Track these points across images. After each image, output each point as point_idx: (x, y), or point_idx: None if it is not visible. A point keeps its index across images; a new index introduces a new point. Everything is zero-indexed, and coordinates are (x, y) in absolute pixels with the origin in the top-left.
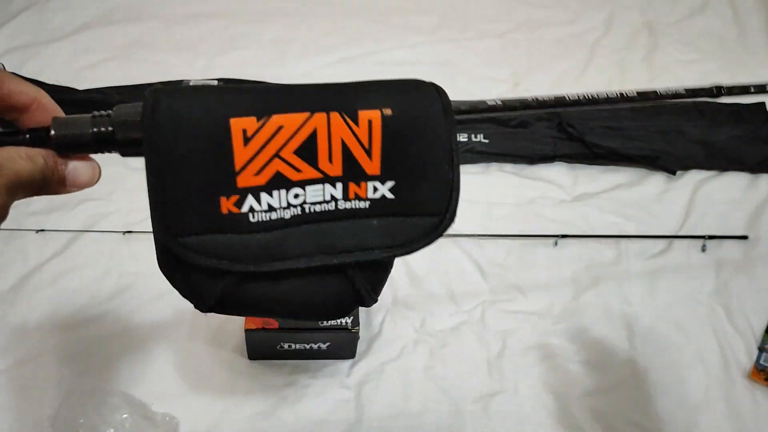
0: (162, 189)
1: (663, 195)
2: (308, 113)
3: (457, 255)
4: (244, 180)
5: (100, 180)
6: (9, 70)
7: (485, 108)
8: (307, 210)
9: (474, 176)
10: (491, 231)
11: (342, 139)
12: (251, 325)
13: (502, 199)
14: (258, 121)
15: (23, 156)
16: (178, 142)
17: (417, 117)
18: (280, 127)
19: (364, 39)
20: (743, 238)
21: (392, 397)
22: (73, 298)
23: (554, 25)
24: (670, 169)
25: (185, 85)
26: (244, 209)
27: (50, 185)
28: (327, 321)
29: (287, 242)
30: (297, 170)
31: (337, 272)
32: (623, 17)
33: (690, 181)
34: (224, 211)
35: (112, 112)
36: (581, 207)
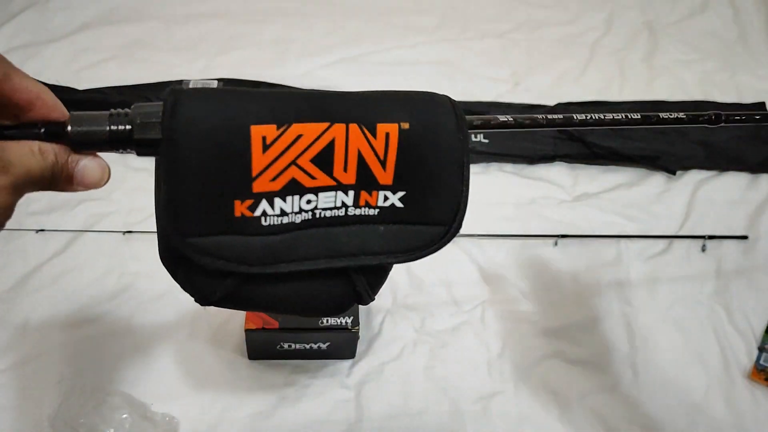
0: (176, 190)
1: (663, 195)
2: (328, 123)
3: (457, 255)
4: (260, 185)
5: None
6: None
7: (497, 124)
8: (318, 215)
9: (474, 176)
10: (491, 231)
11: (359, 150)
12: (251, 325)
13: (503, 199)
14: (278, 129)
15: (36, 151)
16: (198, 147)
17: (432, 131)
18: (300, 136)
19: (364, 39)
20: (743, 238)
21: (392, 397)
22: (74, 298)
23: (554, 25)
24: (670, 169)
25: (205, 87)
26: (257, 213)
27: (58, 182)
28: (325, 318)
29: (294, 245)
30: (312, 177)
31: (340, 274)
32: (623, 17)
33: (690, 181)
34: (237, 215)
35: (130, 111)
36: (581, 207)
